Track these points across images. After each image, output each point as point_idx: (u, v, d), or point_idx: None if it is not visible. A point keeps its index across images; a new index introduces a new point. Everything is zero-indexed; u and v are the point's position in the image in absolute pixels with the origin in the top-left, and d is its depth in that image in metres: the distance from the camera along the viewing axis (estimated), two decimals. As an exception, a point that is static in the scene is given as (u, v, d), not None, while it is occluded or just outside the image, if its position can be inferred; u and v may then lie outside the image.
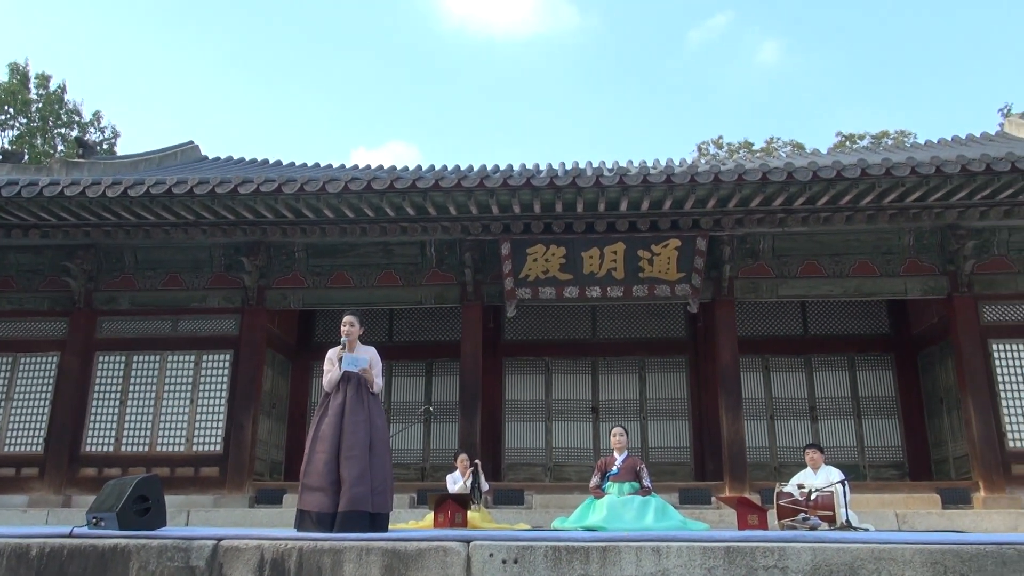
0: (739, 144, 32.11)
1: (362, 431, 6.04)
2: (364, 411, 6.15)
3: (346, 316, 6.51)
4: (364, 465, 5.92)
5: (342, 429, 6.03)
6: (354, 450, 5.95)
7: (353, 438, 6.00)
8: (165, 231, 12.31)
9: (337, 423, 6.06)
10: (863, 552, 4.20)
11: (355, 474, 5.87)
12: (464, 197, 11.07)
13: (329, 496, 5.85)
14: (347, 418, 6.07)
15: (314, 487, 5.91)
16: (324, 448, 5.99)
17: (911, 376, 13.70)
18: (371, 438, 6.07)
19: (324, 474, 5.90)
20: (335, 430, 6.03)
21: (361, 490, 5.83)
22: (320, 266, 12.87)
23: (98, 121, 29.04)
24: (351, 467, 5.89)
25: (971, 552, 4.14)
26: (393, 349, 14.35)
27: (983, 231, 12.03)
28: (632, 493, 8.46)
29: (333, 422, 6.07)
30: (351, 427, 6.04)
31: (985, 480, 11.14)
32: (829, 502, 7.95)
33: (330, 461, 5.93)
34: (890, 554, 4.18)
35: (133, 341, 12.73)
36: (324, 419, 6.15)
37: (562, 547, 4.35)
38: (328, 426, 6.07)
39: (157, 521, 5.47)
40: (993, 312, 12.02)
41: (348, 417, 6.08)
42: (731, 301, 12.33)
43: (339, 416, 6.09)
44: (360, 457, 5.94)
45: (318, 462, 5.97)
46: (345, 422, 6.06)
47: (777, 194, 10.94)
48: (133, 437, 12.30)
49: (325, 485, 5.87)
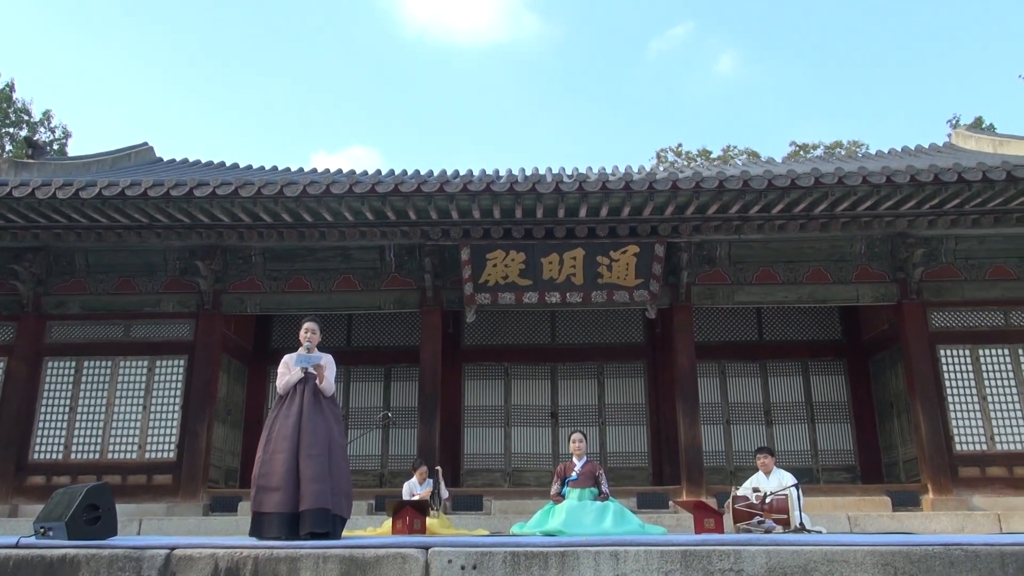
0: (697, 152, 32.52)
1: (321, 431, 5.99)
2: (322, 413, 6.10)
3: (306, 323, 6.44)
4: (325, 465, 5.86)
5: (300, 429, 5.96)
6: (314, 448, 5.88)
7: (313, 437, 5.93)
8: (118, 234, 12.07)
9: (296, 423, 5.98)
10: (816, 554, 4.27)
11: (316, 472, 5.79)
12: (424, 202, 11.05)
13: (289, 495, 5.75)
14: (305, 419, 6.00)
15: (272, 487, 5.79)
16: (283, 448, 5.89)
17: (863, 381, 13.99)
18: (329, 441, 6.02)
19: (283, 473, 5.79)
20: (293, 430, 5.95)
21: (322, 487, 5.75)
22: (278, 270, 12.73)
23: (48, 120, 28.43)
24: (312, 465, 5.81)
25: (920, 553, 4.24)
26: (351, 354, 14.24)
27: (931, 239, 12.34)
28: (591, 499, 8.50)
29: (291, 423, 5.99)
30: (310, 427, 5.97)
31: (934, 483, 11.40)
32: (783, 505, 8.06)
33: (289, 460, 5.83)
34: (842, 556, 4.25)
35: (84, 346, 12.46)
36: (279, 420, 6.06)
37: (521, 552, 4.35)
38: (285, 427, 5.98)
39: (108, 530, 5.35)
40: (941, 319, 12.33)
41: (307, 417, 6.01)
42: (688, 307, 12.47)
43: (297, 416, 6.02)
44: (320, 456, 5.87)
45: (276, 462, 5.87)
46: (304, 422, 5.99)
47: (733, 202, 11.10)
48: (83, 444, 12.03)
49: (284, 485, 5.77)
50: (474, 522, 10.24)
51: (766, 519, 7.97)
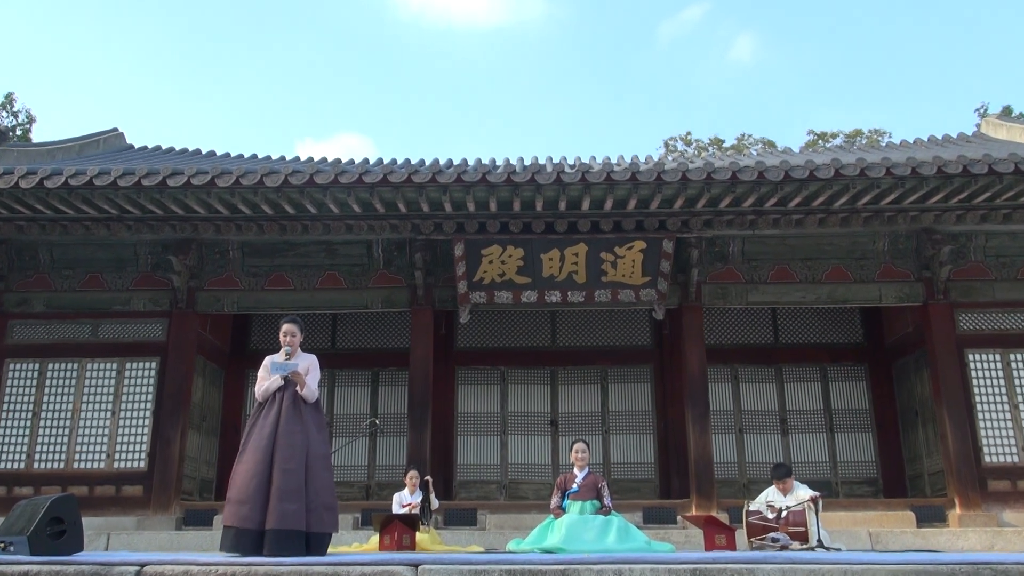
0: (709, 141, 32.56)
1: (299, 443, 5.96)
2: (301, 422, 6.08)
3: (285, 324, 6.42)
4: (300, 480, 5.84)
5: (276, 440, 5.94)
6: (290, 463, 5.86)
7: (289, 450, 5.90)
8: (85, 226, 12.05)
9: (271, 433, 5.97)
10: (835, 573, 4.28)
11: (289, 488, 5.77)
12: (415, 193, 11.05)
13: (255, 510, 5.72)
14: (282, 428, 5.99)
15: (240, 500, 5.78)
16: (255, 459, 5.87)
17: (885, 387, 14.01)
18: (308, 452, 5.99)
19: (253, 487, 5.77)
20: (268, 441, 5.93)
21: (294, 507, 5.72)
22: (257, 266, 12.73)
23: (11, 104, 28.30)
24: (286, 480, 5.79)
25: (946, 572, 4.25)
26: (336, 357, 14.23)
27: (960, 236, 12.36)
28: (593, 512, 8.51)
29: (267, 432, 5.97)
30: (286, 438, 5.95)
31: (961, 497, 11.43)
32: (801, 519, 8.08)
33: (260, 473, 5.81)
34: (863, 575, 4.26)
35: (48, 347, 12.44)
36: (256, 430, 6.06)
37: (517, 570, 4.36)
38: (260, 437, 5.97)
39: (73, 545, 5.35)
40: (970, 320, 12.35)
41: (283, 427, 5.99)
42: (699, 307, 12.48)
43: (274, 426, 6.01)
44: (296, 471, 5.85)
45: (245, 473, 5.85)
46: (280, 433, 5.97)
47: (748, 194, 11.11)
48: (47, 453, 12.01)
49: (252, 498, 5.74)
50: (468, 538, 10.25)
51: (781, 535, 7.99)
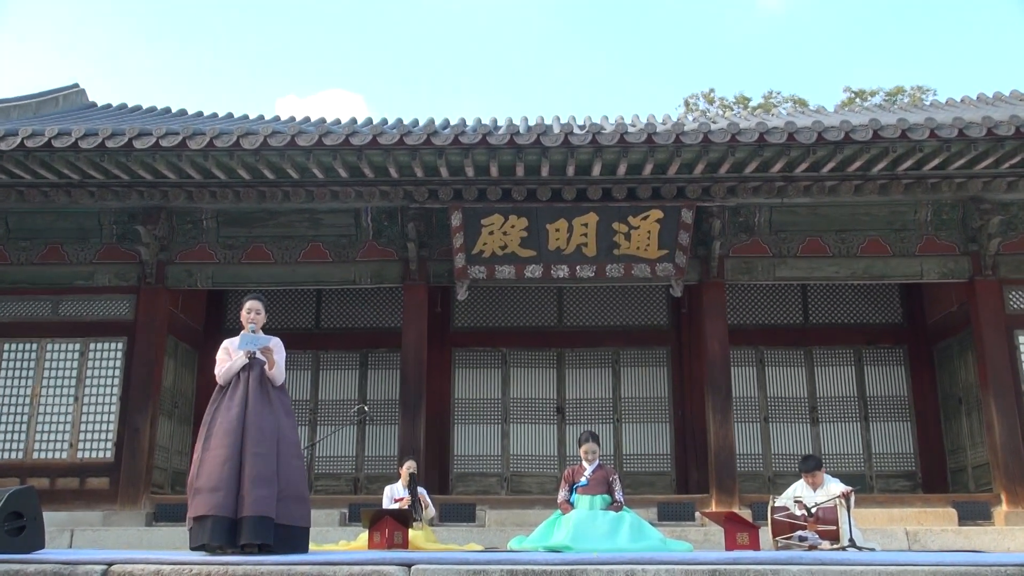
0: (733, 99, 32.40)
1: (268, 426, 6.01)
2: (269, 405, 6.12)
3: (249, 301, 6.47)
4: (273, 466, 5.89)
5: (245, 423, 5.97)
6: (261, 446, 5.90)
7: (260, 434, 5.95)
8: (44, 193, 12.05)
9: (239, 416, 5.99)
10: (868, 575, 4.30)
11: (261, 474, 5.82)
12: (407, 156, 11.01)
13: (229, 498, 5.76)
14: (251, 411, 6.02)
15: (210, 488, 5.80)
16: (224, 443, 5.89)
17: (926, 372, 14.02)
18: (279, 437, 6.04)
19: (223, 473, 5.80)
20: (236, 424, 5.95)
21: (266, 492, 5.78)
22: (233, 237, 12.72)
23: (-40, 57, 28.28)
24: (258, 465, 5.83)
25: (990, 575, 4.26)
26: (321, 337, 14.27)
27: (1011, 205, 12.31)
28: (603, 508, 8.56)
29: (234, 415, 6.00)
30: (256, 421, 5.98)
31: (1008, 492, 11.46)
32: (831, 516, 8.12)
33: (232, 458, 5.84)
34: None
35: (4, 326, 12.49)
36: (220, 414, 6.08)
37: (520, 571, 4.38)
38: (227, 420, 5.99)
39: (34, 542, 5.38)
40: (1021, 299, 12.34)
41: (252, 410, 6.02)
42: (721, 283, 12.47)
43: (241, 408, 6.03)
44: (267, 455, 5.90)
45: (215, 459, 5.88)
46: (249, 415, 6.00)
47: (776, 159, 11.06)
48: (4, 442, 12.10)
49: (224, 485, 5.77)
50: (466, 535, 10.32)
51: (809, 533, 8.03)
